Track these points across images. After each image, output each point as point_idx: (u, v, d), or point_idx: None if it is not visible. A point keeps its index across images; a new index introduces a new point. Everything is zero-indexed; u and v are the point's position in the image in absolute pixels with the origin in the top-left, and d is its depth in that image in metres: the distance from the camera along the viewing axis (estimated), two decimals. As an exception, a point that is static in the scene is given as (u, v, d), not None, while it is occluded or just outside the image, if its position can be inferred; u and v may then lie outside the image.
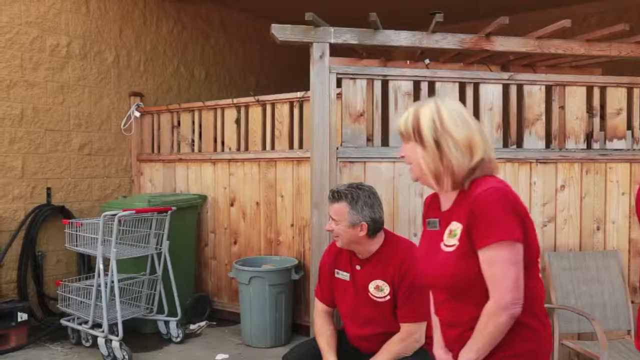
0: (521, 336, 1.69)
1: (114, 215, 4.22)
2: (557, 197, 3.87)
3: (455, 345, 1.82)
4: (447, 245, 1.76)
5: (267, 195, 5.10)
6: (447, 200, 1.85)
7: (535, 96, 3.92)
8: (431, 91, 3.84)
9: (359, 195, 2.73)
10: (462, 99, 3.86)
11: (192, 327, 5.07)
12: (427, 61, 4.10)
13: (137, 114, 5.89)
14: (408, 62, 4.13)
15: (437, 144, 1.75)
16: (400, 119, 1.84)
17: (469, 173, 1.75)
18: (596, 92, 3.95)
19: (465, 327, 1.75)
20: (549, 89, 3.97)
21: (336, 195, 2.75)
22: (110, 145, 5.76)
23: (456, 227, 1.75)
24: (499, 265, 1.63)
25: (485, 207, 1.65)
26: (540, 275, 1.82)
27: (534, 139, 3.89)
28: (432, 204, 1.97)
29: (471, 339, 1.70)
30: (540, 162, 3.85)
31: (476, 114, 3.87)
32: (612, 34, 3.83)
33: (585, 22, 6.34)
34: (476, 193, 1.69)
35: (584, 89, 3.93)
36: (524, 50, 3.86)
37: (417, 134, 1.78)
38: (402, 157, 1.88)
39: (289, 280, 4.65)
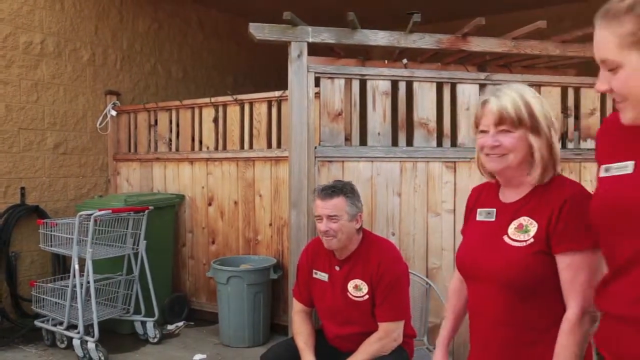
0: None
1: (90, 214, 4.17)
2: (532, 196, 3.91)
3: (506, 346, 1.70)
4: (514, 240, 1.67)
5: (246, 195, 5.08)
6: (512, 192, 1.76)
7: (511, 96, 3.95)
8: (409, 91, 3.86)
9: (352, 187, 2.79)
10: (440, 98, 3.89)
11: (169, 327, 5.03)
12: (404, 61, 4.12)
13: (114, 112, 5.83)
14: (386, 61, 4.15)
15: (549, 132, 1.68)
16: (506, 102, 1.67)
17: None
18: (571, 93, 4.01)
19: (522, 327, 1.66)
20: (524, 89, 4.01)
21: (331, 191, 2.70)
22: (86, 144, 5.69)
23: (528, 222, 1.66)
24: (587, 271, 1.57)
25: (582, 210, 1.55)
26: None
27: (510, 139, 3.93)
28: (483, 194, 1.89)
29: (558, 354, 1.58)
30: (516, 162, 3.88)
31: (453, 113, 3.91)
32: (586, 36, 3.89)
33: (561, 24, 6.42)
34: (567, 194, 1.63)
35: (558, 89, 3.98)
36: (500, 50, 3.90)
37: (533, 120, 1.66)
38: (496, 146, 1.69)
39: (268, 280, 4.64)
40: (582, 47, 3.96)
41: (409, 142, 3.88)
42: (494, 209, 1.79)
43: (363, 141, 3.84)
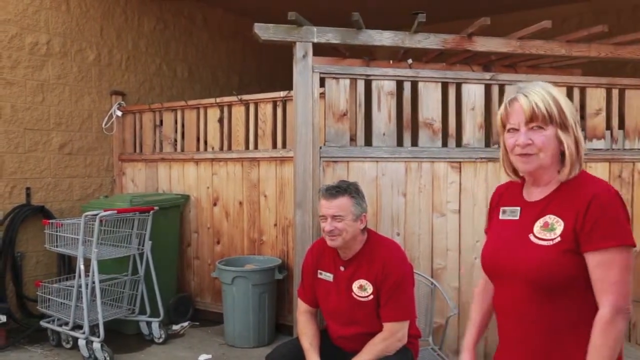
0: None
1: (95, 215, 4.18)
2: (538, 196, 3.90)
3: (533, 344, 1.68)
4: (540, 238, 1.65)
5: (250, 195, 5.08)
6: (537, 190, 1.75)
7: (516, 96, 3.94)
8: (414, 91, 3.86)
9: (356, 187, 2.81)
10: (445, 99, 3.89)
11: (174, 327, 5.04)
12: (409, 61, 4.11)
13: (119, 113, 5.84)
14: (391, 61, 4.14)
15: (575, 128, 1.67)
16: (536, 99, 1.65)
17: None
18: (576, 93, 4.00)
19: (548, 325, 1.64)
20: (530, 89, 4.00)
21: (336, 191, 2.72)
22: (91, 144, 5.70)
23: (554, 220, 1.65)
24: (617, 269, 1.56)
25: (609, 208, 1.58)
26: None
27: (515, 139, 3.91)
28: (507, 193, 1.88)
29: (591, 355, 1.56)
30: (522, 162, 3.87)
31: (458, 113, 3.90)
32: (592, 35, 3.87)
33: (566, 23, 6.41)
34: (593, 191, 1.61)
35: (564, 90, 3.96)
36: (505, 50, 3.89)
37: (562, 116, 1.65)
38: (528, 144, 1.67)
39: (272, 280, 4.64)
40: (588, 47, 3.95)
41: (414, 143, 3.88)
42: (518, 208, 1.78)
43: (368, 141, 3.83)
